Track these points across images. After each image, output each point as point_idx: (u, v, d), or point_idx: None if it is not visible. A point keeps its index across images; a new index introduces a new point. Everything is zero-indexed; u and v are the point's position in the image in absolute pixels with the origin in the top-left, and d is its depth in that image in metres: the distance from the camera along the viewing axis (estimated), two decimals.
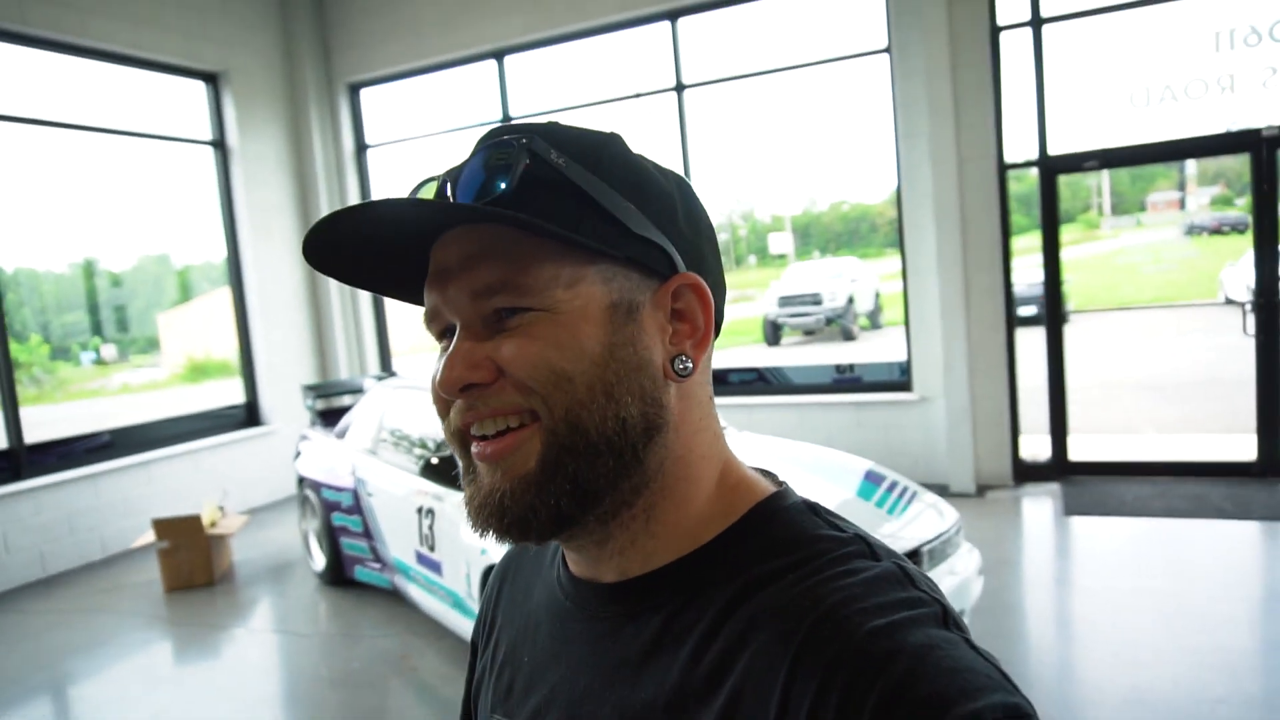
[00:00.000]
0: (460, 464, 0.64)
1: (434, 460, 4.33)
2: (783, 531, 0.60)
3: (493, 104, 7.87)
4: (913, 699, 0.47)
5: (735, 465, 0.65)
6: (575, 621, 0.66)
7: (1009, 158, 6.07)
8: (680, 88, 7.07)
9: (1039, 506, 5.73)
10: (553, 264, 0.58)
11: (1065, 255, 6.09)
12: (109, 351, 8.89)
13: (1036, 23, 5.92)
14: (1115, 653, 3.66)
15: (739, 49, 7.19)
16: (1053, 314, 6.12)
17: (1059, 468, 6.19)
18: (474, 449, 0.61)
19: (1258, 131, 5.48)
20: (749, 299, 16.53)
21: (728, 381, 7.45)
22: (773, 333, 13.81)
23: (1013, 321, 6.16)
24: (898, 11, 6.17)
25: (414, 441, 4.65)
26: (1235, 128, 5.60)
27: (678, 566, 0.61)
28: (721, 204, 17.53)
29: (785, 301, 13.89)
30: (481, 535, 0.60)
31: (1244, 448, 5.91)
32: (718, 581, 0.59)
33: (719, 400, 6.54)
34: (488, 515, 0.60)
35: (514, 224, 0.57)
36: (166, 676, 4.48)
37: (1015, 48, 6.02)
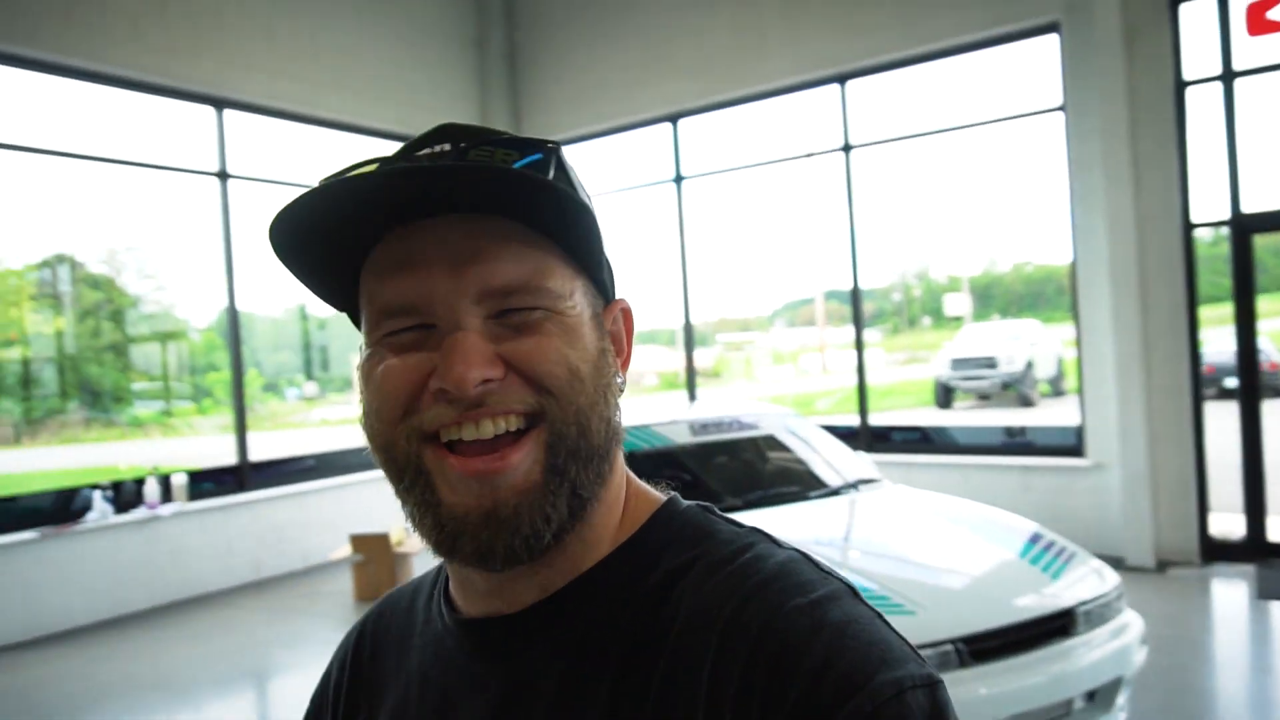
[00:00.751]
0: (404, 477, 0.58)
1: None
2: (686, 530, 0.62)
3: (666, 163, 8.32)
4: (839, 670, 0.50)
5: (633, 478, 0.67)
6: (475, 666, 0.63)
7: (1195, 217, 5.81)
8: (847, 148, 7.23)
9: (1230, 588, 5.34)
10: (561, 270, 0.59)
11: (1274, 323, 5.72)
12: (310, 388, 9.90)
13: (1228, 76, 5.68)
14: None
15: (907, 110, 7.28)
16: (1248, 384, 5.73)
17: (1255, 548, 5.72)
18: (458, 462, 0.56)
19: None
20: (921, 360, 16.11)
21: (889, 439, 7.40)
22: (944, 395, 13.43)
23: (1199, 389, 5.82)
24: (1073, 71, 6.09)
25: None
26: None
27: (582, 582, 0.61)
28: (893, 264, 17.33)
29: (958, 364, 13.49)
30: (468, 561, 0.57)
31: None
32: (627, 590, 0.60)
33: (879, 457, 6.56)
34: (493, 533, 0.56)
35: (558, 222, 0.57)
36: None
37: (1201, 103, 5.80)
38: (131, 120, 6.75)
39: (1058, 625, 3.21)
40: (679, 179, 8.25)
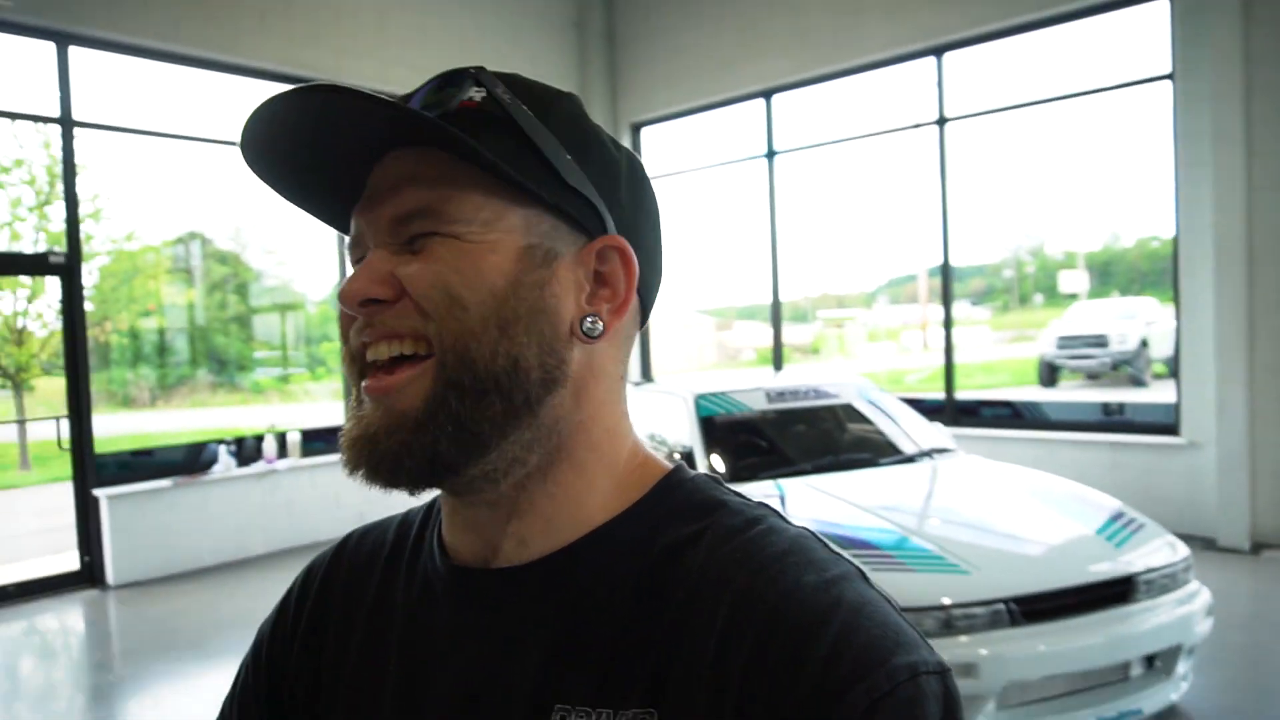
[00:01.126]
0: (352, 393, 0.60)
1: (676, 455, 4.83)
2: (695, 498, 0.61)
3: (759, 139, 8.39)
4: (855, 649, 0.49)
5: (642, 446, 0.65)
6: (464, 615, 0.61)
7: None
8: (942, 121, 7.15)
9: None
10: (478, 197, 0.56)
11: None
12: None
13: None
14: None
15: (1006, 81, 7.14)
16: None
17: None
18: (365, 381, 0.58)
19: None
20: (1028, 339, 15.64)
21: (978, 414, 7.34)
22: (1048, 374, 13.01)
23: None
24: (1184, 36, 5.87)
25: (661, 439, 5.20)
26: None
27: (588, 540, 0.59)
28: (1005, 240, 16.80)
29: (1065, 343, 13.03)
30: (350, 474, 0.57)
31: None
32: (632, 552, 0.58)
33: (964, 431, 6.54)
34: (358, 452, 0.56)
35: (449, 143, 0.55)
36: None
37: None
38: None
39: (1117, 591, 3.25)
40: (771, 154, 8.31)
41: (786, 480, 4.28)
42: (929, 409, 7.16)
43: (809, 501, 3.96)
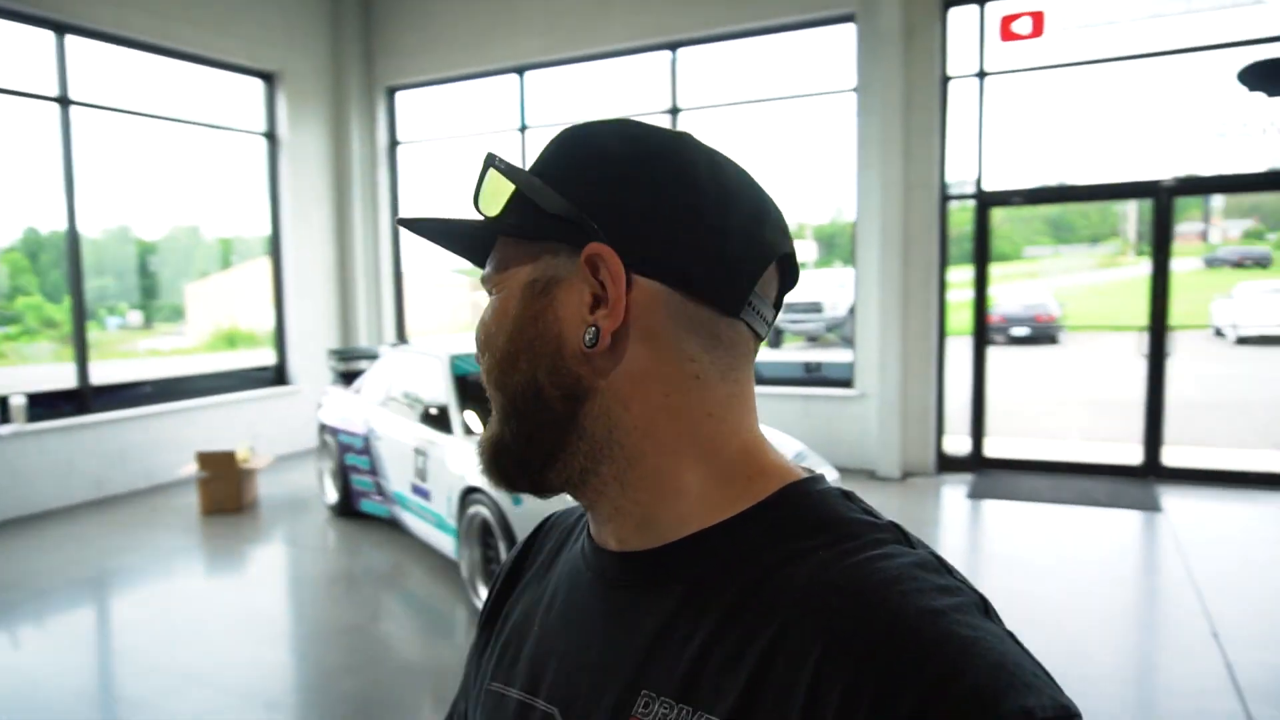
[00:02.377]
0: None
1: (432, 411, 5.29)
2: (812, 514, 0.58)
3: (513, 113, 8.86)
4: (963, 688, 0.45)
5: (764, 452, 0.63)
6: (591, 591, 0.65)
7: (951, 190, 6.97)
8: (675, 111, 8.01)
9: (953, 491, 6.63)
10: (506, 254, 0.65)
11: (1094, 276, 6.96)
12: (135, 318, 9.72)
13: (981, 75, 6.81)
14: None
15: (735, 78, 8.12)
16: (978, 333, 7.00)
17: (975, 461, 7.08)
18: None
19: (1157, 182, 6.34)
20: None
21: None
22: (774, 337, 14.58)
23: (944, 333, 7.06)
24: (864, 56, 7.07)
25: (416, 397, 5.63)
26: (1137, 179, 6.47)
27: (690, 542, 0.60)
28: None
29: (787, 308, 14.60)
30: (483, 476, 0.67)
31: (1132, 453, 6.79)
32: (737, 560, 0.57)
33: None
34: (479, 456, 0.67)
35: (432, 227, 0.68)
36: (197, 572, 5.51)
37: (960, 95, 6.92)
38: None
39: None
40: (524, 128, 8.81)
41: None
42: None
43: None
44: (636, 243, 0.60)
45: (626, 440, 0.61)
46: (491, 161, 0.64)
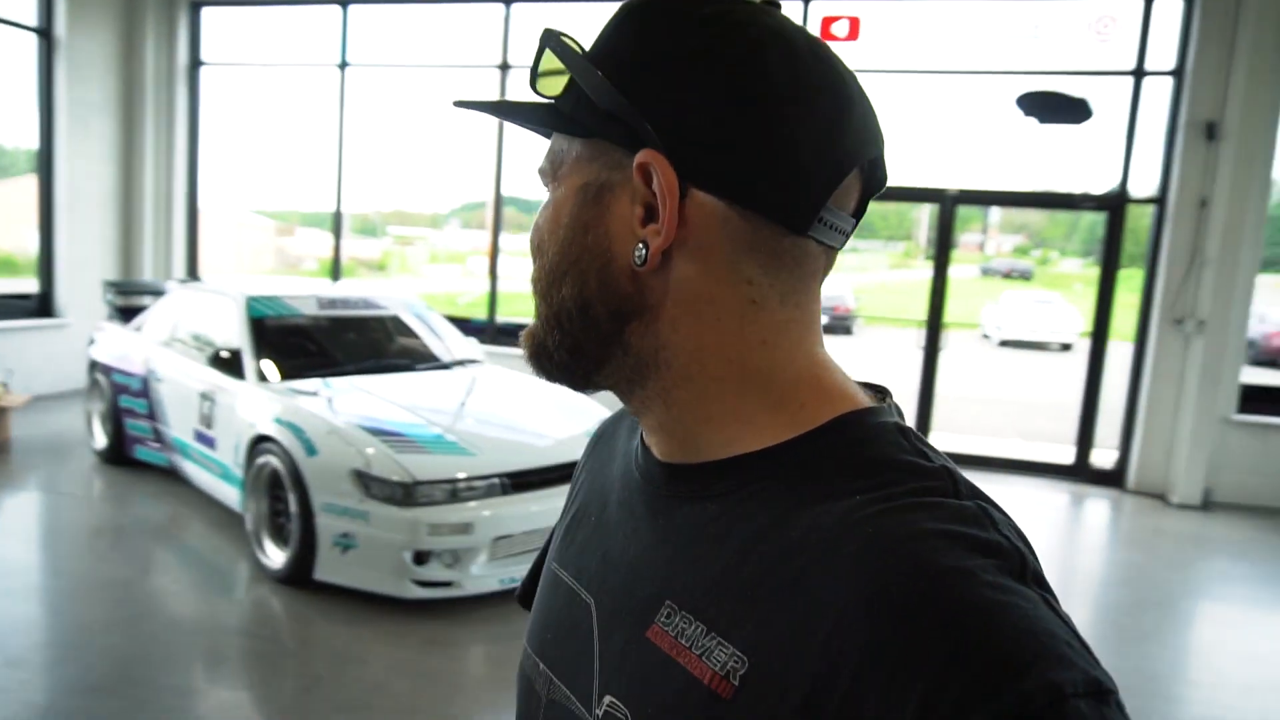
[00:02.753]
0: None
1: (223, 355, 4.96)
2: (861, 449, 0.55)
3: (334, 47, 8.37)
4: (985, 658, 0.42)
5: (821, 379, 0.59)
6: (638, 492, 0.64)
7: None
8: (505, 67, 7.85)
9: None
10: (562, 148, 0.60)
11: (889, 275, 7.39)
12: None
13: None
14: None
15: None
16: None
17: None
18: None
19: (943, 191, 6.96)
20: None
21: (518, 336, 8.33)
22: None
23: None
24: None
25: (205, 339, 5.26)
26: (928, 185, 7.08)
27: (729, 464, 0.58)
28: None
29: None
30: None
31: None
32: (772, 487, 0.55)
33: (504, 349, 7.46)
34: (522, 344, 0.65)
35: (490, 112, 0.63)
36: None
37: None
38: None
39: None
40: (344, 65, 8.35)
41: (334, 380, 4.73)
42: (474, 328, 8.00)
43: (350, 398, 4.46)
44: (694, 151, 0.54)
45: (674, 361, 0.58)
46: (548, 40, 0.58)
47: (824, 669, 0.46)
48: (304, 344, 5.20)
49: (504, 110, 0.63)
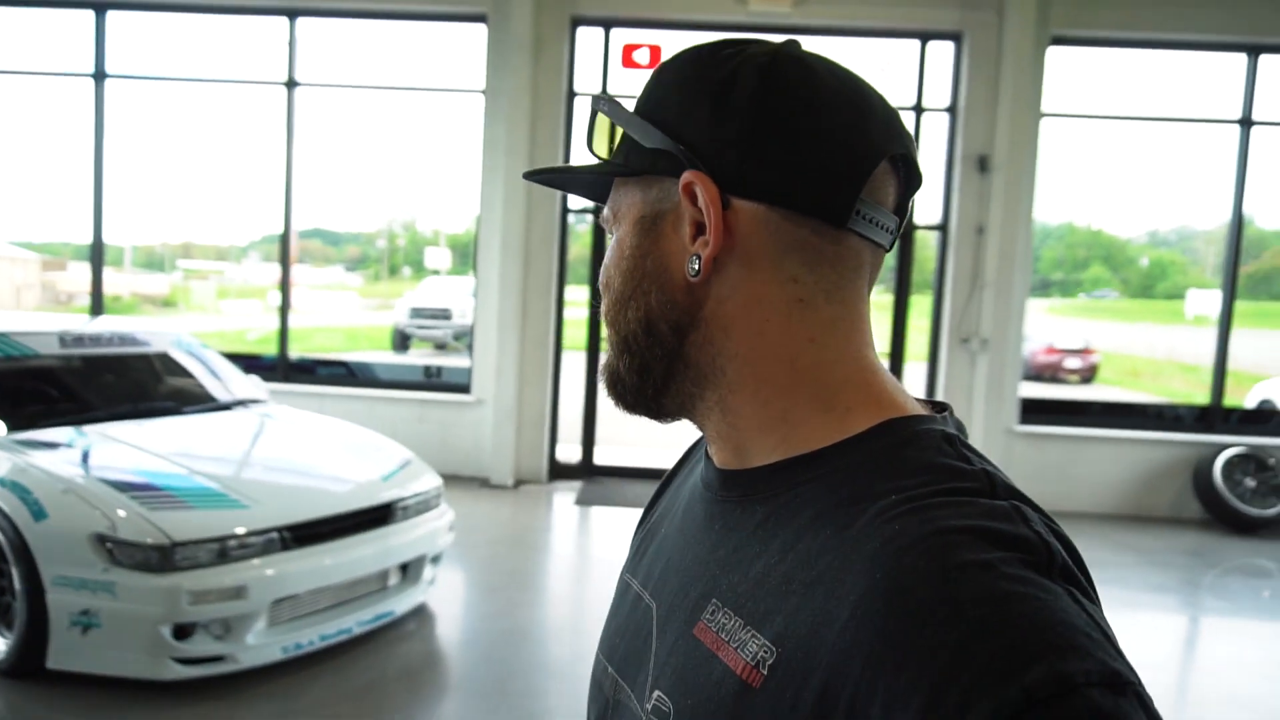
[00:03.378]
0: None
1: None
2: (901, 453, 0.56)
3: (87, 56, 7.45)
4: (990, 649, 0.42)
5: (869, 383, 0.61)
6: (701, 502, 0.69)
7: (571, 205, 7.17)
8: (291, 84, 7.30)
9: (563, 498, 6.77)
10: (619, 194, 0.67)
11: None
12: None
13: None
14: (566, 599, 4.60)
15: (360, 61, 7.62)
16: (591, 347, 7.27)
17: (585, 469, 7.33)
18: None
19: None
20: (390, 308, 16.69)
21: (314, 372, 7.72)
22: (401, 342, 14.03)
23: (560, 343, 7.23)
24: (494, 62, 7.00)
25: None
26: None
27: (778, 467, 0.60)
28: (380, 211, 17.57)
29: (415, 313, 14.17)
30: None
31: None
32: (815, 491, 0.57)
33: (296, 387, 6.86)
34: (601, 378, 0.70)
35: (555, 179, 0.74)
36: None
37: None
38: None
39: (378, 516, 3.90)
40: (101, 75, 7.45)
41: (88, 428, 4.06)
42: (264, 366, 7.31)
43: (102, 450, 3.84)
44: (731, 164, 0.59)
45: (729, 367, 0.62)
46: (598, 106, 0.67)
47: (840, 658, 0.47)
48: (43, 388, 4.45)
49: (566, 179, 0.73)
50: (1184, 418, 7.50)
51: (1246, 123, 6.95)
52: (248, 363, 6.87)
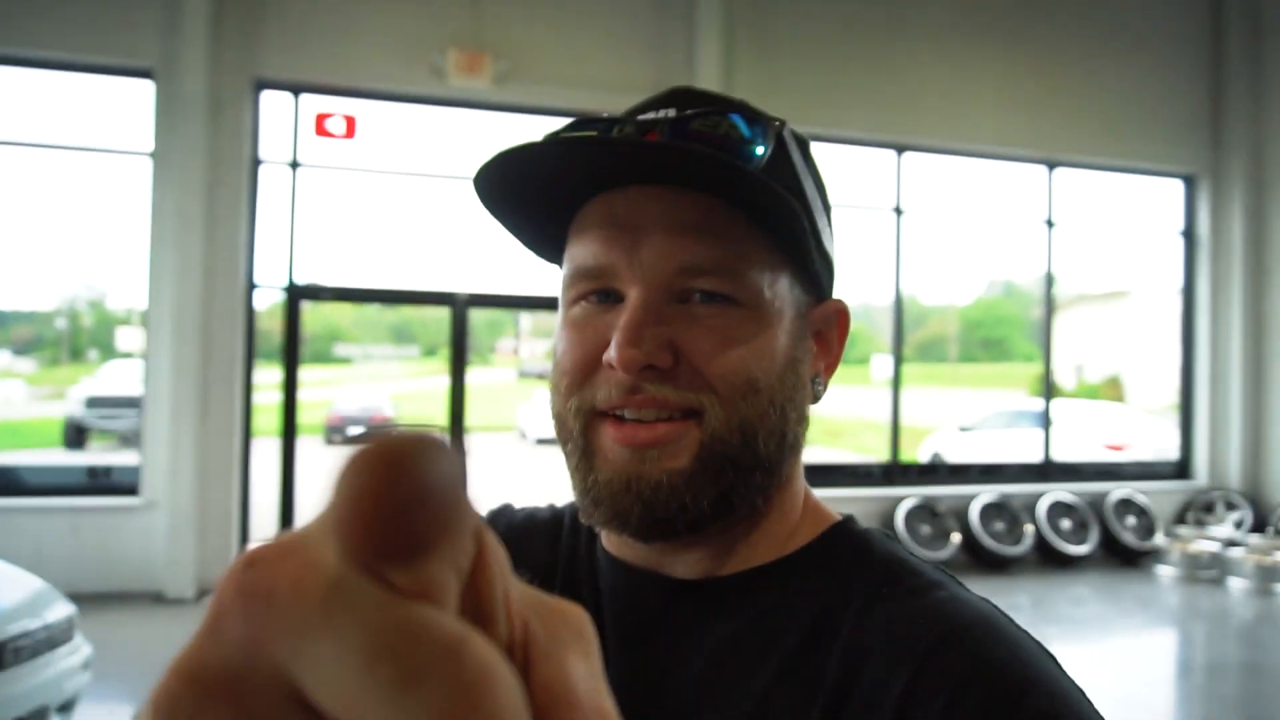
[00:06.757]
0: (566, 445, 0.59)
1: None
2: (871, 550, 0.59)
3: None
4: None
5: (809, 488, 0.65)
6: (628, 615, 0.61)
7: (258, 280, 6.55)
8: None
9: None
10: (764, 258, 0.56)
11: (431, 381, 6.73)
12: None
13: (294, 165, 6.63)
14: None
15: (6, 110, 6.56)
16: (287, 430, 6.60)
17: None
18: (614, 431, 0.56)
19: (454, 294, 6.86)
20: (62, 397, 14.44)
21: None
22: (76, 435, 12.17)
23: (249, 432, 6.50)
24: (164, 120, 6.30)
25: None
26: (439, 289, 6.95)
27: (768, 570, 0.59)
28: (61, 287, 15.23)
29: (95, 402, 12.36)
30: (605, 525, 0.57)
31: None
32: (808, 590, 0.57)
33: None
34: (630, 503, 0.54)
35: (776, 206, 0.53)
36: None
37: (273, 182, 6.63)
38: None
39: None
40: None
41: None
42: None
43: None
44: (828, 270, 0.62)
45: (785, 484, 0.61)
46: (783, 133, 0.58)
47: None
48: None
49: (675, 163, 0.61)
50: (874, 473, 8.17)
51: (898, 211, 7.87)
52: None
